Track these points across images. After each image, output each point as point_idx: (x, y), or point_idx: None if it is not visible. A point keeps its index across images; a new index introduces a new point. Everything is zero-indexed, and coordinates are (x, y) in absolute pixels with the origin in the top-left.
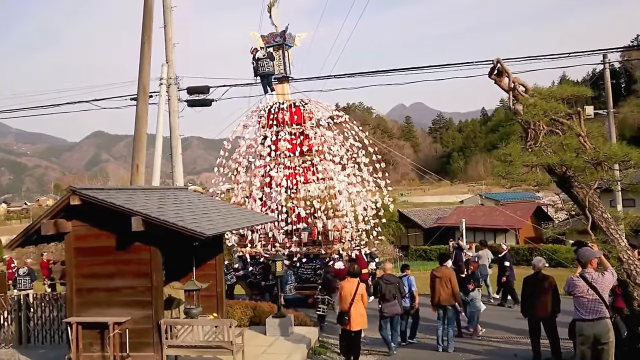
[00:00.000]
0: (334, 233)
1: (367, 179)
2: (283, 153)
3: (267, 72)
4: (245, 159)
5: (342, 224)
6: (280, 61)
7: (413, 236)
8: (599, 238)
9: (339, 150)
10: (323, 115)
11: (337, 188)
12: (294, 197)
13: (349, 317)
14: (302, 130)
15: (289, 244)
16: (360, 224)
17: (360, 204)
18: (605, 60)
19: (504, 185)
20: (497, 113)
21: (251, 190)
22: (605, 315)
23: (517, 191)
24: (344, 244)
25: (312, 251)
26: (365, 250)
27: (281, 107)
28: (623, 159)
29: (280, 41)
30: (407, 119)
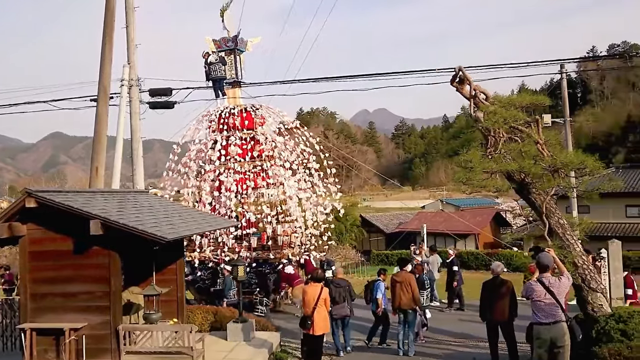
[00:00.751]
0: (283, 238)
1: (318, 184)
2: (233, 158)
3: (218, 77)
4: (195, 163)
5: (292, 229)
6: (232, 66)
7: (375, 241)
8: (555, 243)
9: (290, 156)
10: (274, 120)
11: (288, 193)
12: (243, 202)
13: (312, 321)
14: (253, 135)
15: (238, 248)
16: (309, 229)
17: (310, 209)
18: (562, 70)
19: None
20: (458, 120)
21: (201, 194)
22: (561, 319)
23: (477, 197)
24: (293, 248)
25: (262, 256)
26: (321, 256)
27: (232, 112)
28: (579, 166)
29: (232, 46)
30: (371, 125)
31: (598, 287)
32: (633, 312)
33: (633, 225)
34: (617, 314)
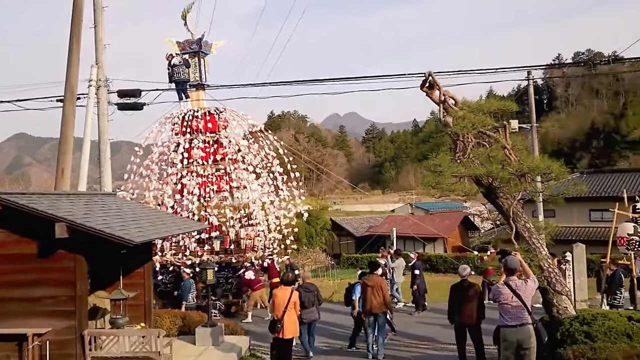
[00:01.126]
0: (246, 241)
1: (281, 188)
2: (196, 161)
3: (182, 79)
4: (157, 166)
5: (255, 232)
6: (196, 68)
7: (345, 244)
8: (522, 247)
9: (254, 159)
10: (239, 123)
11: (251, 197)
12: (206, 205)
13: (282, 325)
14: (217, 138)
15: (200, 252)
16: (272, 232)
17: (274, 212)
18: (529, 76)
19: (433, 195)
20: (428, 125)
21: (163, 197)
22: (528, 322)
23: (446, 201)
24: (256, 252)
25: (224, 259)
26: (284, 260)
27: (195, 115)
28: (545, 171)
29: (197, 48)
30: (341, 129)
31: (563, 290)
32: (596, 314)
33: (596, 229)
34: (581, 316)
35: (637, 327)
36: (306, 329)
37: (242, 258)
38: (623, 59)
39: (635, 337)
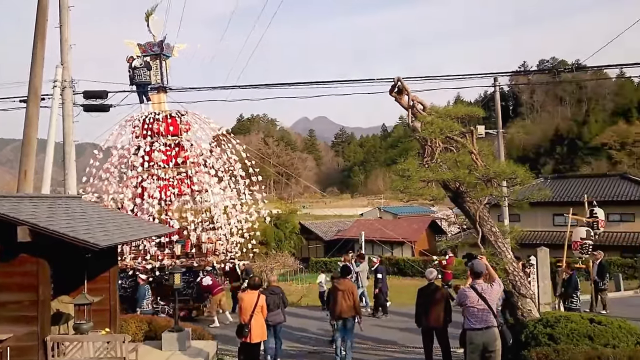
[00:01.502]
0: (207, 245)
1: (244, 192)
2: (157, 164)
3: (143, 82)
4: (117, 169)
5: (217, 236)
6: (158, 71)
7: (314, 248)
8: (487, 251)
9: (216, 163)
10: (201, 127)
11: (213, 200)
12: (167, 209)
13: (249, 329)
14: (178, 141)
15: (161, 256)
16: (234, 236)
17: (236, 216)
18: (495, 83)
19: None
20: (396, 129)
21: (122, 201)
22: (493, 324)
23: (414, 205)
24: (218, 256)
25: (185, 264)
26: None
27: (156, 118)
28: (510, 176)
29: (158, 51)
30: (311, 132)
31: (527, 293)
32: (560, 316)
33: (560, 233)
34: (545, 318)
35: (598, 329)
36: (272, 332)
37: (204, 262)
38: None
39: (597, 339)
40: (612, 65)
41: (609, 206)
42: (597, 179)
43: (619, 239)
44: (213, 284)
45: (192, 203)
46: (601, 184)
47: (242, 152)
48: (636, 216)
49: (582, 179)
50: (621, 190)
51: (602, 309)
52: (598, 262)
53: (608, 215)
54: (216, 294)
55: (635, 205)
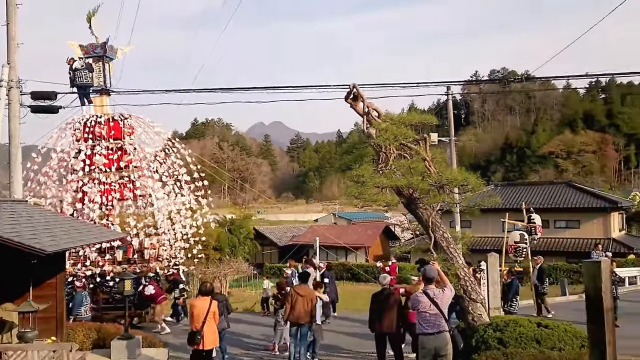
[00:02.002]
0: (150, 251)
1: (188, 197)
2: (98, 168)
3: (84, 84)
4: (56, 172)
5: (160, 242)
6: (100, 73)
7: (268, 254)
8: (440, 256)
9: (160, 168)
10: (145, 130)
11: (156, 205)
12: (108, 213)
13: (202, 336)
14: (121, 145)
15: (102, 262)
16: (179, 242)
17: (181, 221)
18: (448, 92)
19: (356, 205)
20: (351, 136)
21: (62, 205)
22: (445, 329)
23: (368, 211)
24: (161, 262)
25: (127, 270)
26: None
27: (98, 121)
28: (462, 183)
29: (101, 53)
30: (266, 138)
31: (478, 298)
32: (509, 321)
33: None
34: (495, 323)
35: (545, 333)
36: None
37: (146, 268)
38: (534, 78)
39: (544, 342)
40: (559, 76)
41: (555, 213)
42: (544, 186)
43: (565, 245)
44: (156, 292)
45: (135, 208)
46: (548, 191)
47: (188, 156)
48: (581, 223)
49: (531, 187)
50: (567, 198)
51: (546, 312)
52: (538, 266)
53: (555, 221)
54: (160, 302)
55: (580, 212)
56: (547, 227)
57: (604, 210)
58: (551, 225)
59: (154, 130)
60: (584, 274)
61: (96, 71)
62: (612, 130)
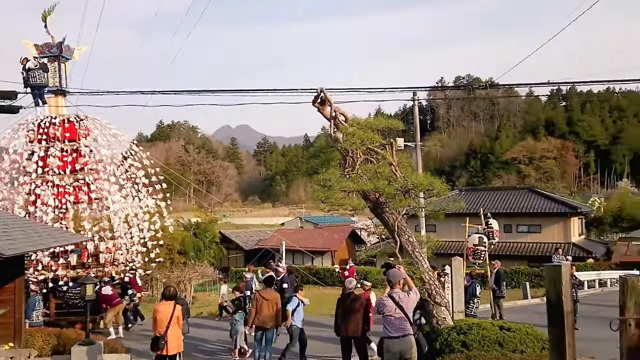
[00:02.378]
0: (106, 255)
1: (146, 200)
2: (52, 170)
3: (38, 84)
4: (8, 174)
5: (116, 246)
6: (56, 73)
7: (234, 258)
8: (405, 260)
9: (116, 170)
10: (101, 132)
11: (112, 209)
12: (62, 217)
13: (165, 341)
14: (76, 147)
15: (55, 266)
16: (136, 246)
17: (138, 225)
18: (414, 97)
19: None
20: (318, 140)
21: (13, 208)
22: (409, 333)
23: (335, 215)
24: (117, 266)
25: (81, 274)
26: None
27: (53, 122)
28: (428, 188)
29: (57, 52)
30: (233, 141)
31: (442, 301)
32: (472, 324)
33: None
34: (458, 326)
35: (507, 336)
36: None
37: (102, 273)
38: (498, 85)
39: (506, 345)
40: (522, 84)
41: (517, 218)
42: (507, 191)
43: (527, 249)
44: (113, 294)
45: (90, 211)
46: (511, 196)
47: (146, 159)
48: (542, 227)
49: (494, 192)
50: (529, 203)
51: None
52: (495, 270)
53: (517, 226)
54: (115, 305)
55: (541, 217)
56: (510, 231)
57: (564, 215)
58: (513, 230)
59: (111, 132)
60: (545, 277)
61: (51, 71)
62: (572, 137)
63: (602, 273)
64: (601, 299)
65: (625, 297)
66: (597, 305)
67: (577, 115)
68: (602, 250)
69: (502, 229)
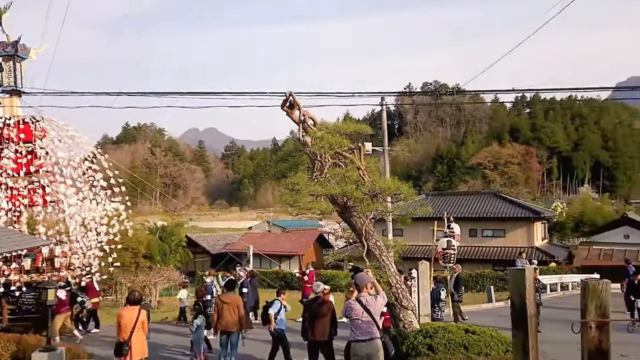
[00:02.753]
0: (61, 260)
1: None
2: (6, 172)
3: None
4: None
5: (72, 250)
6: (11, 73)
7: (200, 262)
8: (373, 264)
9: (73, 173)
10: (58, 134)
11: (68, 212)
12: (16, 220)
13: (129, 346)
14: (32, 149)
15: (7, 271)
16: (93, 250)
17: (96, 228)
18: (382, 102)
19: (291, 213)
20: (287, 143)
21: None
22: (377, 336)
23: (302, 219)
24: (73, 271)
25: (35, 279)
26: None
27: (7, 123)
28: (395, 192)
29: (12, 52)
30: (200, 144)
31: (409, 305)
32: (438, 327)
33: None
34: (425, 329)
35: (472, 339)
36: None
37: (57, 277)
38: (465, 91)
39: (471, 348)
40: (488, 90)
41: (482, 222)
42: (473, 196)
43: (491, 253)
44: (65, 300)
45: (45, 214)
46: (476, 201)
47: (105, 161)
48: (507, 232)
49: (460, 197)
50: (494, 208)
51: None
52: (455, 275)
53: (482, 230)
54: (62, 312)
55: (506, 221)
56: (475, 235)
57: (528, 220)
58: (479, 234)
59: (68, 133)
60: (509, 281)
61: (6, 71)
62: (536, 143)
63: (564, 277)
64: (563, 302)
65: (586, 300)
66: (559, 308)
67: (540, 122)
68: (564, 254)
69: (467, 233)
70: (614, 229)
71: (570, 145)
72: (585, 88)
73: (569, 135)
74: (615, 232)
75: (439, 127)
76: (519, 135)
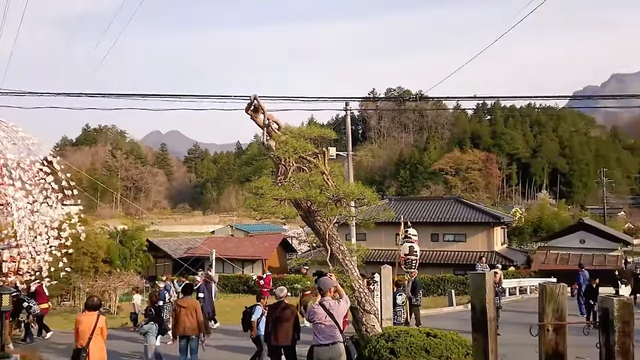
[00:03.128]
0: (9, 264)
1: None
2: None
3: None
4: None
5: (21, 254)
6: None
7: (162, 266)
8: (336, 268)
9: (23, 175)
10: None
11: (16, 215)
12: None
13: (87, 353)
14: None
15: None
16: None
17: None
18: (347, 107)
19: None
20: (251, 147)
21: None
22: (339, 340)
23: (266, 223)
24: (22, 276)
25: None
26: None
27: None
28: (359, 196)
29: None
30: (163, 147)
31: (371, 309)
32: (400, 331)
33: None
34: (387, 333)
35: (434, 342)
36: None
37: (5, 282)
38: (427, 97)
39: (433, 351)
40: (450, 97)
41: (444, 227)
42: (434, 201)
43: (452, 257)
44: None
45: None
46: (438, 206)
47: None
48: (467, 236)
49: (422, 201)
50: (455, 213)
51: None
52: (413, 279)
53: (444, 235)
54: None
55: (467, 226)
56: (437, 240)
57: (488, 225)
58: (440, 239)
59: (18, 135)
60: (470, 285)
61: None
62: (496, 149)
63: (523, 280)
64: (522, 305)
65: (544, 303)
66: (518, 311)
67: (500, 129)
68: (523, 259)
69: (429, 237)
70: (570, 234)
71: (529, 152)
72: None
73: (528, 142)
74: (572, 237)
75: (402, 132)
76: (480, 141)
